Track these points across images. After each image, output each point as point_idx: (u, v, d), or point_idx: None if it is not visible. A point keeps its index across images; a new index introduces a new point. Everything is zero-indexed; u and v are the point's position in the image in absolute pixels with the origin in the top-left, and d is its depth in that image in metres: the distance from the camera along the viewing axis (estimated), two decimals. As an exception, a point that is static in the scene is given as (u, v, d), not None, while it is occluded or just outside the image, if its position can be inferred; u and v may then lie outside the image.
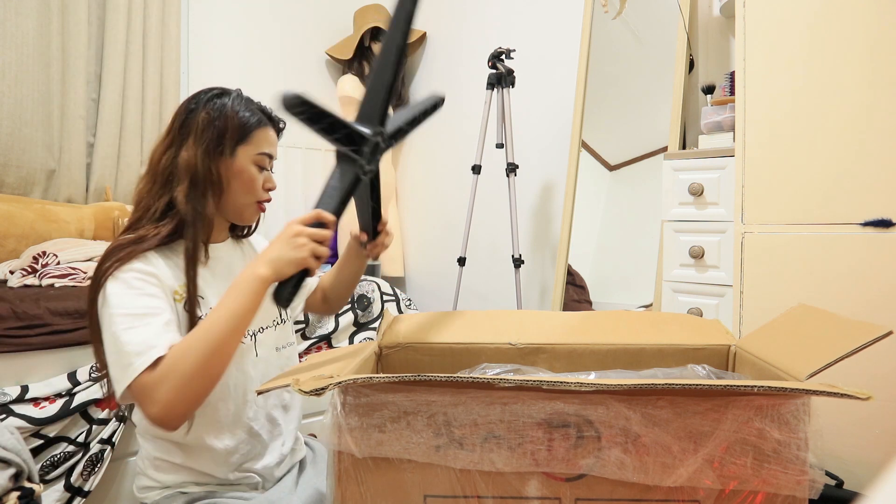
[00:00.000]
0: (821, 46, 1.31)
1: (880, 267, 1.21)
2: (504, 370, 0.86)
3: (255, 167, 0.96)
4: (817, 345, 0.72)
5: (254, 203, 0.99)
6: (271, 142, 0.99)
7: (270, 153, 0.98)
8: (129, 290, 0.83)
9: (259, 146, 0.96)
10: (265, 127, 0.97)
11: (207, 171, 0.91)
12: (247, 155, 0.95)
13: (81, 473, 1.34)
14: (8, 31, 1.98)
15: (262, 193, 0.99)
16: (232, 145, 0.94)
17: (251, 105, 0.98)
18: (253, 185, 0.96)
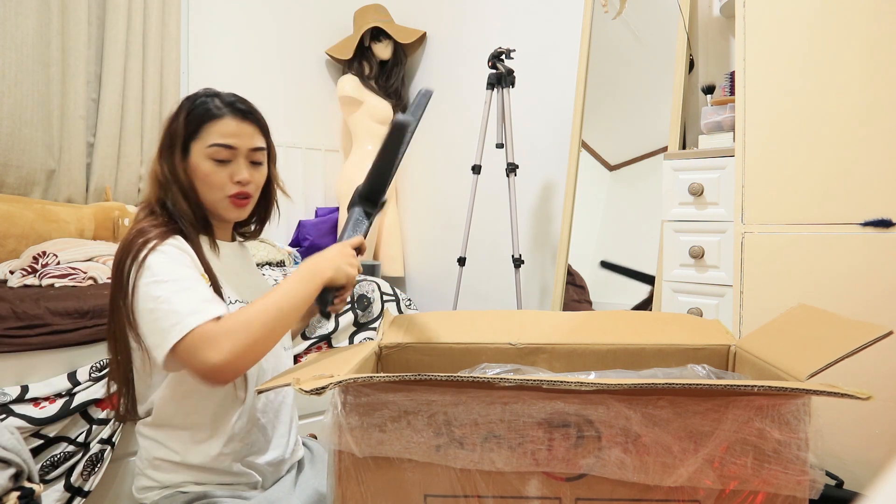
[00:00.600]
0: (821, 46, 1.31)
1: (880, 267, 1.21)
2: (504, 370, 0.86)
3: (211, 161, 0.92)
4: (817, 345, 0.72)
5: (223, 198, 0.95)
6: (226, 132, 0.93)
7: (226, 143, 0.92)
8: (172, 261, 0.85)
9: (209, 138, 0.92)
10: (218, 119, 0.93)
11: (165, 175, 0.92)
12: (198, 150, 0.93)
13: (81, 473, 1.34)
14: (8, 31, 1.98)
15: (230, 187, 0.94)
16: (182, 143, 0.92)
17: (212, 100, 0.94)
18: (211, 181, 0.93)
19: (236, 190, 0.94)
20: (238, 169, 0.94)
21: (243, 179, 0.94)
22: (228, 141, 0.93)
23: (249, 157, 0.96)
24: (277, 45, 2.89)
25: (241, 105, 0.95)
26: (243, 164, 0.95)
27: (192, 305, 0.80)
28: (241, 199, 0.96)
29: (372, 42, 2.88)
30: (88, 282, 1.65)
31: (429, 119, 2.96)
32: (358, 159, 2.87)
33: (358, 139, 2.91)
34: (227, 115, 0.93)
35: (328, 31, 3.05)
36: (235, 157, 0.94)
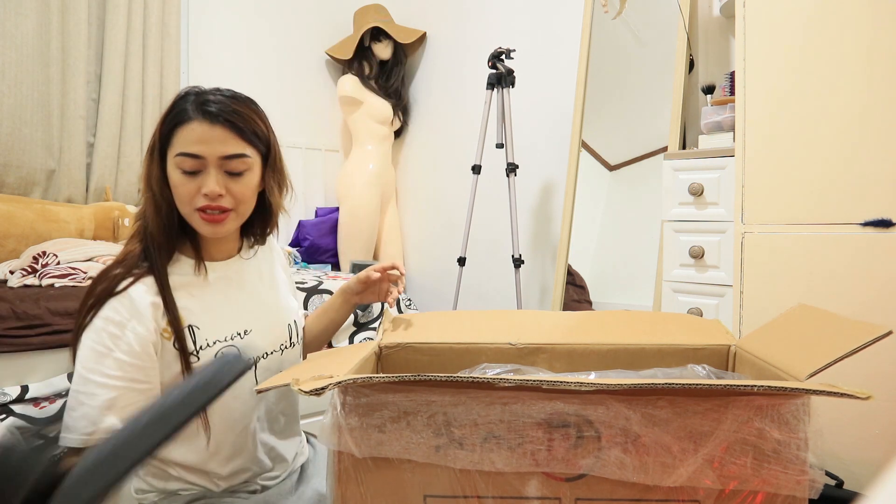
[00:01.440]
0: (820, 46, 1.31)
1: (880, 267, 1.21)
2: (504, 370, 0.86)
3: (178, 172, 0.82)
4: (817, 345, 0.72)
5: (192, 212, 0.84)
6: (193, 139, 0.81)
7: (191, 152, 0.81)
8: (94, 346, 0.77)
9: (177, 146, 0.82)
10: (186, 123, 0.81)
11: (149, 182, 0.85)
12: (170, 159, 0.83)
13: (81, 473, 1.34)
14: (8, 31, 1.98)
15: (198, 200, 0.82)
16: (159, 152, 0.84)
17: (186, 100, 0.83)
18: (178, 193, 0.83)
19: (204, 203, 0.82)
20: (206, 180, 0.82)
21: (210, 192, 0.81)
22: (192, 149, 0.81)
23: (223, 167, 0.83)
24: (277, 45, 2.89)
25: (211, 106, 0.82)
26: (213, 174, 0.82)
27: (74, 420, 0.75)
28: (213, 215, 0.84)
29: (372, 42, 2.88)
30: (88, 282, 1.64)
31: (429, 119, 2.97)
32: (358, 159, 2.88)
33: (358, 139, 2.91)
34: (195, 119, 0.81)
35: (328, 31, 3.05)
36: (204, 166, 0.82)
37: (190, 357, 0.84)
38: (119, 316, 0.79)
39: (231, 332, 0.90)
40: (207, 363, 0.72)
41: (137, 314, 0.79)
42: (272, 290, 1.01)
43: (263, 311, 0.97)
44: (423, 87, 3.01)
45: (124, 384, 0.78)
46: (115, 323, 0.78)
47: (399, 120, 2.98)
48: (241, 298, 0.94)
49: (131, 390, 0.78)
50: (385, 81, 2.94)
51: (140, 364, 0.79)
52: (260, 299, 0.97)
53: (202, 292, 0.88)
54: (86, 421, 0.75)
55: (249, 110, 0.87)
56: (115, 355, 0.77)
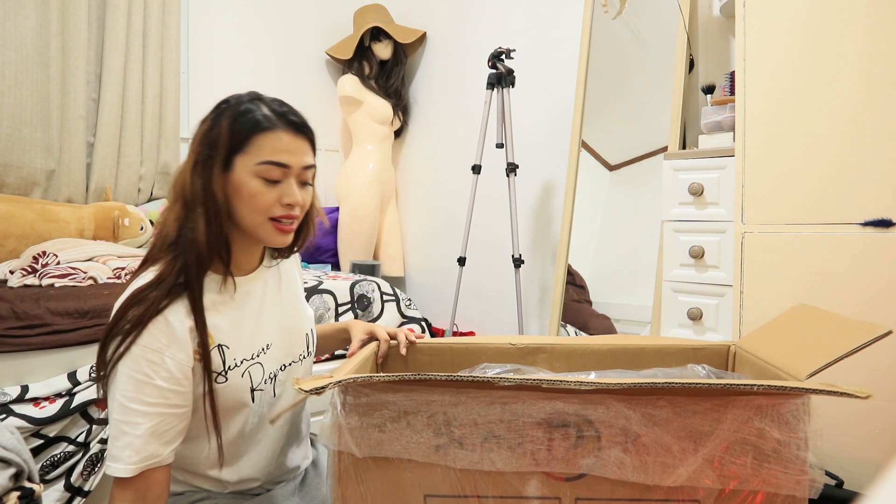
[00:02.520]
0: (820, 46, 1.31)
1: (880, 267, 1.21)
2: (504, 370, 0.86)
3: (259, 180, 0.80)
4: (817, 344, 0.72)
5: (265, 222, 0.82)
6: (280, 148, 0.81)
7: (280, 161, 0.81)
8: (133, 375, 0.76)
9: (259, 154, 0.80)
10: (271, 131, 0.81)
11: (198, 192, 0.80)
12: (245, 166, 0.80)
13: (81, 473, 1.34)
14: (7, 31, 1.98)
15: (276, 209, 0.82)
16: (224, 156, 0.80)
17: (259, 107, 0.82)
18: (255, 202, 0.80)
19: (282, 213, 0.83)
20: (289, 190, 0.82)
21: (294, 202, 0.83)
22: (282, 158, 0.81)
23: (300, 177, 0.84)
24: (277, 45, 2.89)
25: (293, 117, 0.84)
26: (293, 184, 0.83)
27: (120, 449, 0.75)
28: (287, 224, 0.84)
29: (372, 42, 2.88)
30: (88, 282, 1.65)
31: (429, 119, 2.97)
32: (358, 159, 2.88)
33: (358, 139, 2.91)
34: (280, 128, 0.82)
35: (328, 31, 3.05)
36: (287, 175, 0.82)
37: (218, 378, 0.82)
38: (158, 343, 0.77)
39: (256, 350, 0.88)
40: None
41: (176, 340, 0.78)
42: (291, 301, 0.99)
43: (283, 323, 0.95)
44: (423, 87, 3.01)
45: (165, 410, 0.77)
46: (154, 350, 0.76)
47: (399, 120, 2.98)
48: (263, 312, 0.91)
49: (171, 415, 0.78)
50: (385, 81, 2.94)
51: (179, 389, 0.78)
52: (280, 311, 0.95)
53: (228, 309, 0.86)
54: (130, 450, 0.75)
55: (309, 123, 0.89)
56: (155, 383, 0.76)
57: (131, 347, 0.76)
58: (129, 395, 0.76)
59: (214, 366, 0.82)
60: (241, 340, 0.86)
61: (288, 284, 0.99)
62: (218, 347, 0.83)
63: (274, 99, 0.86)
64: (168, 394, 0.77)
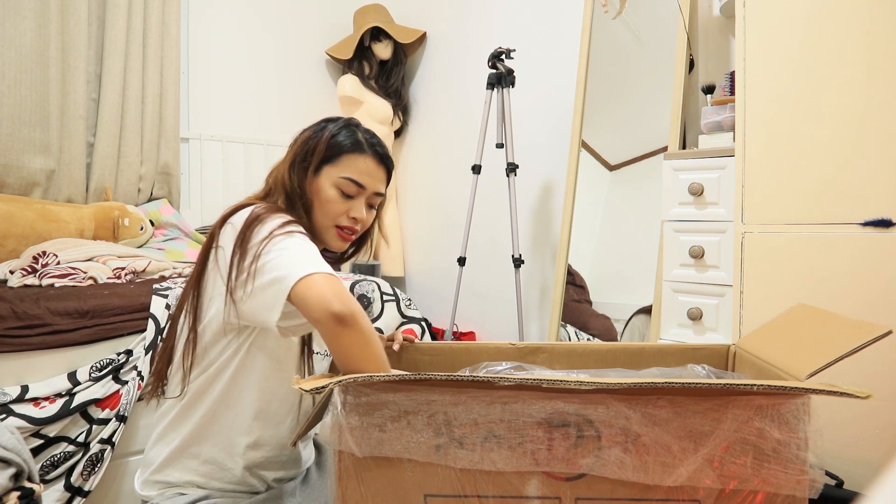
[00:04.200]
0: (820, 46, 1.31)
1: (880, 267, 1.21)
2: (504, 368, 0.86)
3: (336, 190, 0.94)
4: (817, 344, 0.73)
5: (332, 227, 0.95)
6: (363, 170, 0.95)
7: (359, 181, 0.94)
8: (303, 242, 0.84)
9: (345, 170, 0.94)
10: (360, 154, 0.95)
11: (293, 187, 0.93)
12: (329, 175, 0.94)
13: (81, 473, 1.34)
14: (7, 31, 1.98)
15: (342, 219, 0.95)
16: (318, 162, 0.94)
17: (357, 132, 0.96)
18: (329, 208, 0.93)
19: (347, 224, 0.96)
20: (358, 206, 0.96)
21: (359, 217, 0.96)
22: (361, 179, 0.94)
23: (370, 200, 0.98)
24: (277, 45, 2.89)
25: (381, 149, 0.98)
26: (363, 203, 0.96)
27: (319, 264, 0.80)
28: (348, 234, 0.97)
29: (372, 42, 2.88)
30: (88, 282, 1.65)
31: (429, 119, 2.97)
32: (358, 159, 2.87)
33: (358, 139, 2.91)
34: (369, 154, 0.96)
35: (328, 31, 3.05)
36: (360, 195, 0.96)
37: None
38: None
39: None
40: None
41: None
42: None
43: None
44: (423, 87, 3.01)
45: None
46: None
47: (399, 120, 2.98)
48: None
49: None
50: (385, 81, 2.94)
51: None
52: None
53: None
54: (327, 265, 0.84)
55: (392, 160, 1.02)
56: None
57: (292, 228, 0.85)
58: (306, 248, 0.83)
59: None
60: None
61: None
62: None
63: (367, 129, 1.00)
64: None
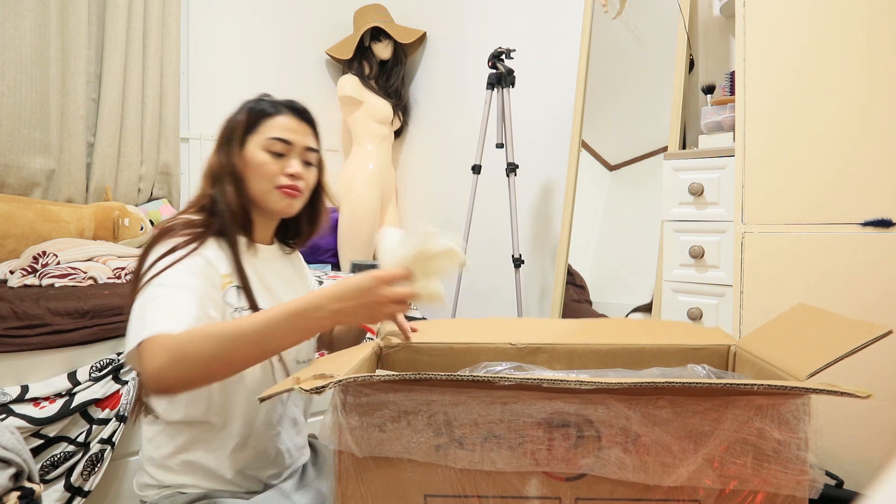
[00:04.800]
0: (820, 46, 1.31)
1: (880, 267, 1.21)
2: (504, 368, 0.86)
3: (266, 153, 0.96)
4: (817, 344, 0.73)
5: (272, 189, 0.96)
6: (286, 127, 0.97)
7: (282, 137, 0.96)
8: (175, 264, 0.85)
9: (268, 131, 0.96)
10: (278, 114, 0.98)
11: (221, 165, 0.96)
12: (255, 142, 0.96)
13: (81, 473, 1.34)
14: (7, 31, 1.98)
15: (281, 179, 0.96)
16: (241, 136, 0.97)
17: (266, 100, 1.00)
18: (263, 170, 0.95)
19: (287, 182, 0.96)
20: (292, 163, 0.97)
21: (296, 173, 0.97)
22: (285, 135, 0.97)
23: (303, 156, 0.99)
24: (277, 45, 2.89)
25: (298, 105, 1.00)
26: (297, 160, 0.98)
27: (158, 314, 0.78)
28: (292, 191, 0.97)
29: (372, 42, 2.88)
30: (88, 282, 1.65)
31: (429, 119, 2.97)
32: (358, 159, 2.87)
33: (358, 139, 2.91)
34: (287, 112, 0.98)
35: (328, 31, 3.05)
36: (290, 152, 0.97)
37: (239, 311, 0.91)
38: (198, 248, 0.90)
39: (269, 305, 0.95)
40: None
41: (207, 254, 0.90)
42: (304, 287, 1.12)
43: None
44: (423, 87, 3.01)
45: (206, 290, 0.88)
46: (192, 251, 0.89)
47: (399, 120, 2.97)
48: (277, 283, 1.02)
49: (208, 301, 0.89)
50: (385, 81, 2.94)
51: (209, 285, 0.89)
52: (294, 289, 1.06)
53: (252, 267, 0.97)
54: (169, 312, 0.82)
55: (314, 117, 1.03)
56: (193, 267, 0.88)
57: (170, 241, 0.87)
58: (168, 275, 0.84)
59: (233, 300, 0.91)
60: (262, 292, 0.96)
61: (302, 277, 1.14)
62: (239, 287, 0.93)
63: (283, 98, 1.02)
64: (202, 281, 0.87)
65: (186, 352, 0.73)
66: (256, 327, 0.76)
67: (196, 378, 0.75)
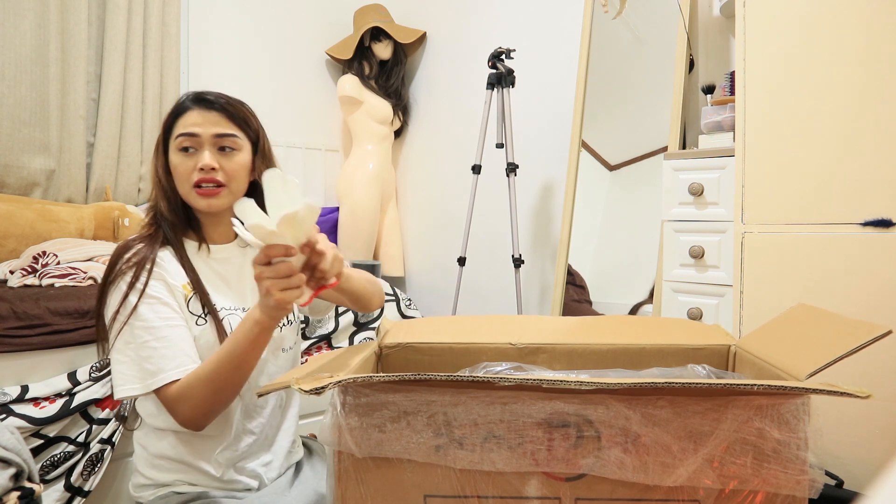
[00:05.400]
0: (820, 46, 1.31)
1: (880, 267, 1.21)
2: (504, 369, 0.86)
3: (178, 153, 0.94)
4: (817, 344, 0.72)
5: (191, 190, 0.94)
6: (189, 123, 0.94)
7: (186, 132, 0.93)
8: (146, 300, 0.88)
9: (177, 132, 0.95)
10: (182, 113, 0.95)
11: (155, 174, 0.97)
12: (172, 146, 0.95)
13: (81, 473, 1.34)
14: (7, 31, 1.98)
15: (195, 175, 0.93)
16: (163, 144, 0.97)
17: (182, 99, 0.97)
18: (178, 172, 0.94)
19: (199, 176, 0.92)
20: (201, 156, 0.93)
21: (205, 165, 0.92)
22: (189, 129, 0.93)
23: (216, 144, 0.94)
24: (277, 45, 2.89)
25: (208, 96, 0.96)
26: (207, 151, 0.93)
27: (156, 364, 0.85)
28: (209, 188, 0.93)
29: (372, 42, 2.88)
30: (88, 282, 1.65)
31: (429, 119, 2.97)
32: (358, 159, 2.88)
33: (358, 139, 2.91)
34: (192, 108, 0.95)
35: (328, 31, 3.05)
36: (199, 145, 0.94)
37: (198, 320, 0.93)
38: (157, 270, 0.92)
39: (233, 305, 0.98)
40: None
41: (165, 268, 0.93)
42: None
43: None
44: (423, 87, 3.01)
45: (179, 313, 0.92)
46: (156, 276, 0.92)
47: (399, 120, 2.98)
48: (241, 280, 1.02)
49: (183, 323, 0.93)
50: (385, 81, 2.94)
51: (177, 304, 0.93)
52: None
53: (207, 267, 0.98)
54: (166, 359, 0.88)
55: (239, 103, 0.99)
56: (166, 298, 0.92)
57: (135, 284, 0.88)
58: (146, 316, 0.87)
59: (194, 308, 0.93)
60: (221, 294, 0.97)
61: None
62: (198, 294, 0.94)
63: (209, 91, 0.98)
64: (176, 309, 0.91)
65: (196, 399, 0.84)
66: (229, 350, 0.83)
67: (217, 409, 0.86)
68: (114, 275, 0.89)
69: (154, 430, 0.94)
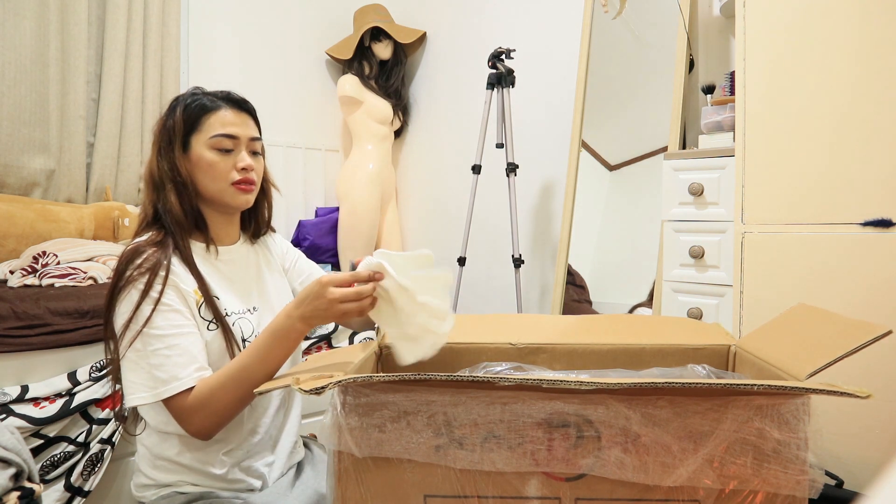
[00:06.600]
0: (820, 46, 1.31)
1: (880, 267, 1.21)
2: (504, 368, 0.86)
3: (213, 151, 0.94)
4: (817, 344, 0.72)
5: (228, 187, 0.96)
6: (226, 122, 0.95)
7: (226, 133, 0.95)
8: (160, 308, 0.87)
9: (211, 130, 0.94)
10: (216, 110, 0.95)
11: (165, 172, 0.94)
12: (200, 142, 0.94)
13: (81, 473, 1.34)
14: (7, 31, 1.98)
15: (234, 175, 0.95)
16: (182, 138, 0.95)
17: (204, 95, 0.97)
18: (214, 170, 0.94)
19: (241, 177, 0.96)
20: (242, 156, 0.96)
21: (248, 166, 0.96)
22: (230, 130, 0.95)
23: (250, 147, 0.98)
24: (277, 45, 2.89)
25: (235, 96, 0.99)
26: (245, 152, 0.97)
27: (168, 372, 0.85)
28: (247, 185, 0.97)
29: (372, 42, 2.88)
30: (88, 282, 1.65)
31: (429, 119, 2.97)
32: (358, 159, 2.87)
33: (358, 139, 2.91)
34: (224, 107, 0.96)
35: (328, 31, 3.05)
36: (237, 146, 0.96)
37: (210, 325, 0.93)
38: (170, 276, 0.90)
39: (242, 308, 0.98)
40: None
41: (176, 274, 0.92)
42: (276, 277, 1.10)
43: (268, 293, 1.05)
44: (423, 87, 3.01)
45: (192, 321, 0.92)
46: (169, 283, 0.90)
47: (399, 120, 2.98)
48: (247, 279, 1.03)
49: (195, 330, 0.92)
50: (385, 81, 2.94)
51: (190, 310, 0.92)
52: (264, 281, 1.06)
53: (214, 270, 0.98)
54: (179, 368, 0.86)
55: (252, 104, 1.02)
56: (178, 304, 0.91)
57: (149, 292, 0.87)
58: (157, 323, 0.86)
59: (205, 313, 0.92)
60: (229, 297, 0.97)
61: (274, 264, 1.12)
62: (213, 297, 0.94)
63: (219, 90, 1.00)
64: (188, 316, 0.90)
65: (214, 407, 0.84)
66: (253, 357, 0.84)
67: (229, 418, 0.86)
68: (124, 281, 0.88)
69: (158, 433, 0.94)
